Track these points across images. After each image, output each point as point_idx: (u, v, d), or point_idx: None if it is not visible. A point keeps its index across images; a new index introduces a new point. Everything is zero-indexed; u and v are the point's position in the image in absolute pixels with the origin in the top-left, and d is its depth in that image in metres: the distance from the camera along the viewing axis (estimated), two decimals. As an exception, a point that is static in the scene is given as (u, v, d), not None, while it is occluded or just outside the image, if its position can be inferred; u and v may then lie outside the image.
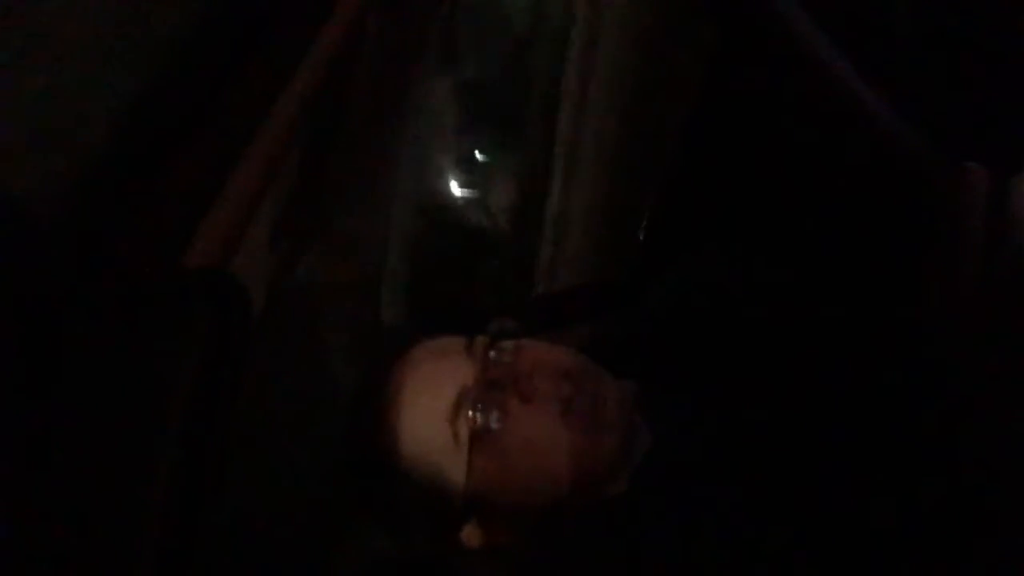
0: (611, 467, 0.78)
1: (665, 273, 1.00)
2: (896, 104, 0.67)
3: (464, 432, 0.75)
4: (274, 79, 0.64)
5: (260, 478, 0.74)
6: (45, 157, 0.51)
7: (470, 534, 0.79)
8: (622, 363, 0.90)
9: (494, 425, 0.74)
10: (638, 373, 0.88)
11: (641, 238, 1.14)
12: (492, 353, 0.77)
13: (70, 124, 0.53)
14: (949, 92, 0.76)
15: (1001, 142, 0.71)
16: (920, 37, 0.80)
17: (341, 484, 0.83)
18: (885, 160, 0.67)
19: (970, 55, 0.78)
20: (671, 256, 1.02)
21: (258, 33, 0.62)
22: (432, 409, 0.76)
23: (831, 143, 0.72)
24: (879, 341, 0.74)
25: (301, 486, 0.82)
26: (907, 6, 0.81)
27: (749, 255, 0.89)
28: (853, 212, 0.76)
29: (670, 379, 0.87)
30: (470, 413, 0.74)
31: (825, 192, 0.78)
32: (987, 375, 0.64)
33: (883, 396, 0.73)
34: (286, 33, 0.66)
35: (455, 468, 0.76)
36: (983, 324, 0.63)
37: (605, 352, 0.93)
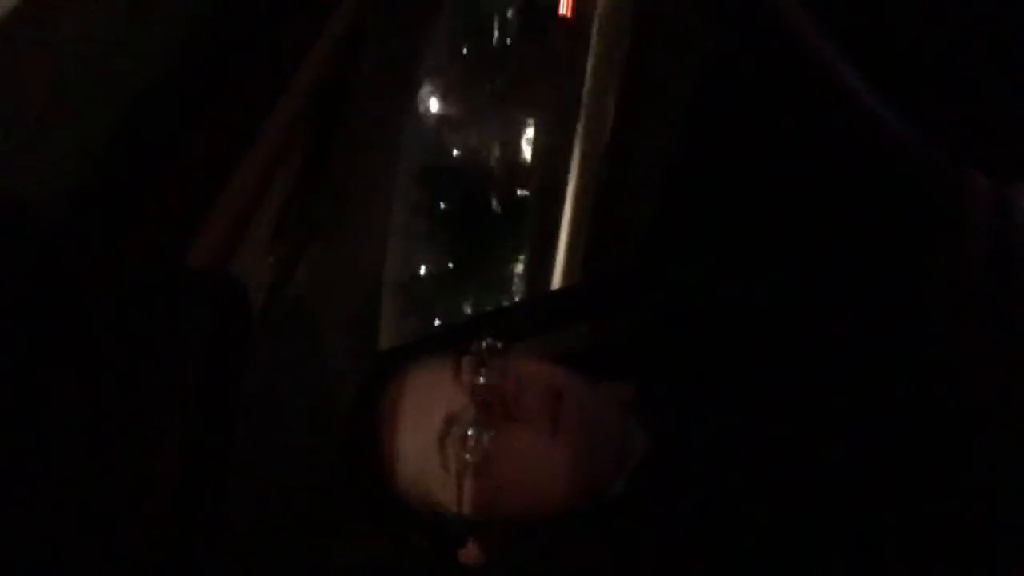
0: (606, 473, 0.78)
1: (664, 274, 0.99)
2: (898, 110, 0.67)
3: (454, 460, 0.75)
4: (275, 79, 0.64)
5: (260, 478, 0.74)
6: (45, 157, 0.51)
7: (469, 552, 0.79)
8: (620, 364, 0.90)
9: (483, 452, 0.74)
10: (636, 374, 0.88)
11: (640, 239, 1.14)
12: (479, 375, 0.77)
13: (71, 123, 0.53)
14: (951, 98, 0.76)
15: (1004, 149, 0.71)
16: (922, 43, 0.79)
17: (341, 489, 0.83)
18: (887, 165, 0.67)
19: (972, 61, 0.78)
20: (670, 257, 1.02)
21: (258, 33, 0.62)
22: (422, 437, 0.76)
23: (833, 146, 0.72)
24: (880, 346, 0.74)
25: (301, 487, 0.82)
26: (909, 11, 0.81)
27: (748, 257, 0.89)
28: (854, 217, 0.76)
29: (668, 380, 0.87)
30: (459, 441, 0.74)
31: (826, 195, 0.78)
32: (991, 383, 0.64)
33: (883, 401, 0.73)
34: (286, 33, 0.66)
35: (449, 494, 0.76)
36: (986, 332, 0.63)
37: (603, 353, 0.93)
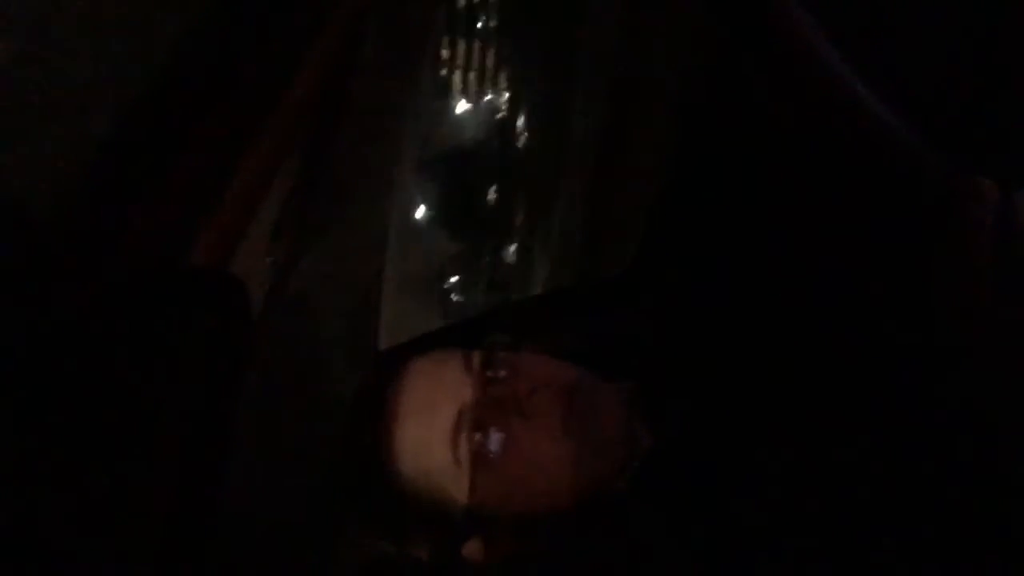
0: (612, 470, 0.78)
1: (665, 272, 0.99)
2: (903, 116, 0.67)
3: (465, 454, 0.74)
4: (274, 79, 0.64)
5: (260, 477, 0.74)
6: (45, 156, 0.51)
7: (472, 549, 0.79)
8: (622, 362, 0.90)
9: (495, 447, 0.74)
10: (638, 372, 0.88)
11: (641, 237, 1.14)
12: (489, 370, 0.77)
13: (70, 123, 0.53)
14: (956, 104, 0.76)
15: (1010, 155, 0.71)
16: (927, 49, 0.80)
17: (341, 488, 0.83)
18: (892, 168, 0.67)
19: (978, 67, 0.79)
20: (671, 255, 1.02)
21: (258, 33, 0.62)
22: (432, 430, 0.76)
23: (837, 150, 0.72)
24: (883, 348, 0.74)
25: (300, 486, 0.82)
26: (914, 19, 0.81)
27: (750, 256, 0.89)
28: (859, 221, 0.76)
29: (671, 378, 0.87)
30: (471, 435, 0.74)
31: (830, 198, 0.78)
32: (996, 383, 0.64)
33: (887, 401, 0.73)
34: (286, 34, 0.66)
35: (457, 487, 0.75)
36: (991, 337, 0.63)
37: (605, 351, 0.93)
